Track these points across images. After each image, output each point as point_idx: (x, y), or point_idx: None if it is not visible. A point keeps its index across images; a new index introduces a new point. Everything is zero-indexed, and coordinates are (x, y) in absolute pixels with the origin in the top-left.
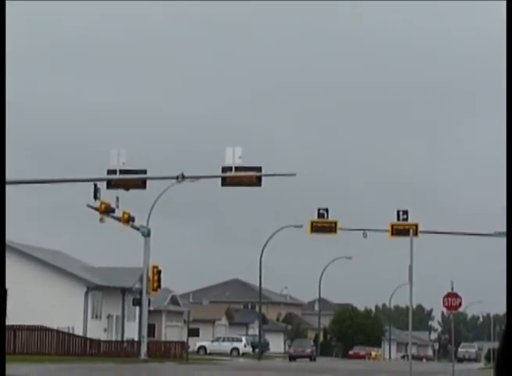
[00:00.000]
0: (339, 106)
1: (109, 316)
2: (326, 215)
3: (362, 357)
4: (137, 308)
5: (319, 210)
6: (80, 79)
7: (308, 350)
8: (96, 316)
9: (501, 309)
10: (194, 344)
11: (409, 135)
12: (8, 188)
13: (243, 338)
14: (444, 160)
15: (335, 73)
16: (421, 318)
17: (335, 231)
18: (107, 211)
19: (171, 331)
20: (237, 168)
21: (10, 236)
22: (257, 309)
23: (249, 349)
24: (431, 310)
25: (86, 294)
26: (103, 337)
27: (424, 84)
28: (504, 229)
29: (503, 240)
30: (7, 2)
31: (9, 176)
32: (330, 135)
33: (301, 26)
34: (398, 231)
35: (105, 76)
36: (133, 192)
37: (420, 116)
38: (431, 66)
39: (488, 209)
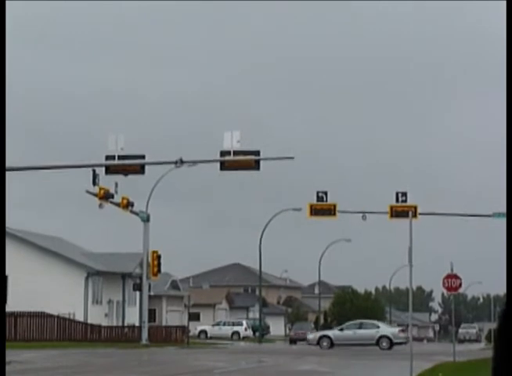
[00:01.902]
0: (334, 88)
1: (109, 302)
2: (325, 198)
3: None
4: (137, 293)
5: (318, 193)
6: (74, 63)
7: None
8: (97, 302)
9: (501, 289)
10: (195, 328)
11: (404, 116)
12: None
13: (244, 322)
14: (440, 141)
15: (330, 54)
16: (421, 300)
17: (334, 214)
18: (106, 196)
19: (171, 316)
20: (235, 152)
21: (9, 223)
22: (257, 292)
23: (249, 333)
24: (431, 292)
25: (86, 279)
26: (104, 322)
27: (418, 65)
28: (503, 209)
29: (502, 221)
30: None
31: (6, 163)
32: (328, 118)
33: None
34: (397, 213)
35: (96, 59)
36: (132, 177)
37: (412, 97)
38: (424, 49)
39: (486, 190)
